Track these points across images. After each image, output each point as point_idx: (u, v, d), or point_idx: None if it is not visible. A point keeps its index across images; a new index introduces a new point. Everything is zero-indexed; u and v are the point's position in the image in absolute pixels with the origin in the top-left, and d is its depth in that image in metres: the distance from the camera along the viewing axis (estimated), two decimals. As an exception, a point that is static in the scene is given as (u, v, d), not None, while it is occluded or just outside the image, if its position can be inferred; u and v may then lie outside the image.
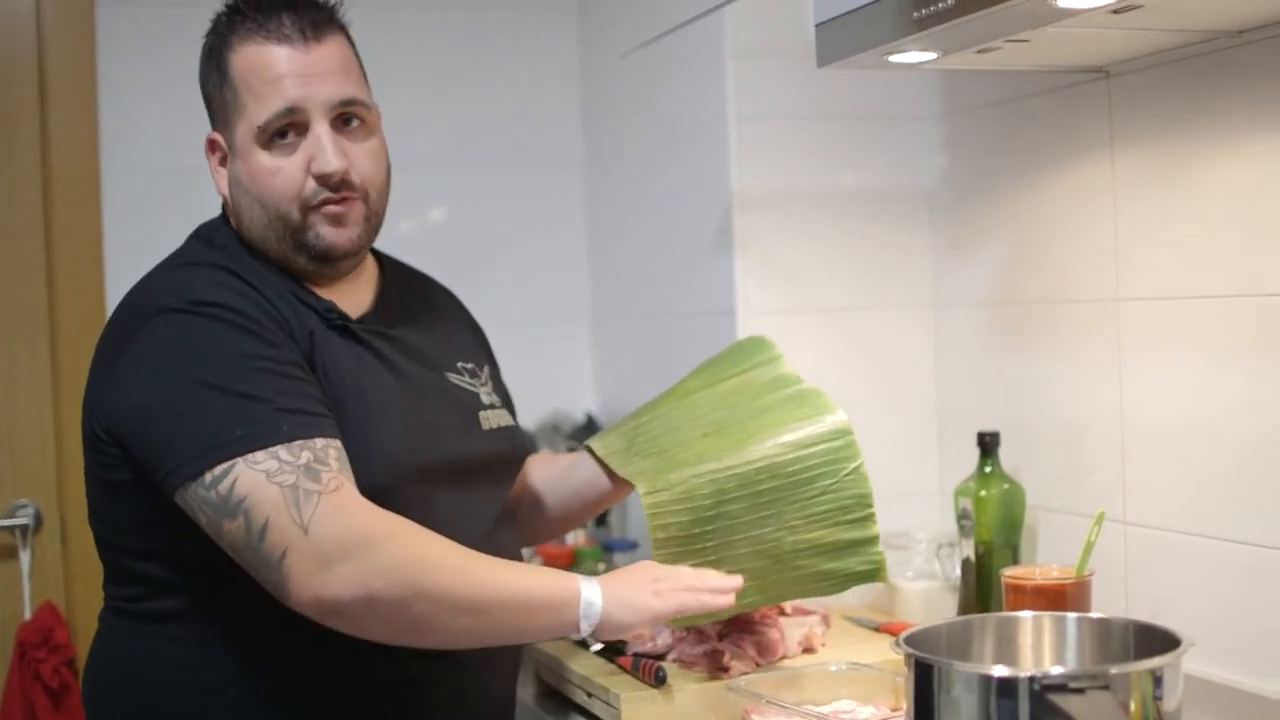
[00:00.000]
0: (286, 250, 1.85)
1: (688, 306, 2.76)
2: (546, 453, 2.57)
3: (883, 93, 2.58)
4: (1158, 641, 1.61)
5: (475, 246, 3.24)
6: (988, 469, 2.29)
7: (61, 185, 2.98)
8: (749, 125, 2.53)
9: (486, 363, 2.09)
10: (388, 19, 3.06)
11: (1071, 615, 1.78)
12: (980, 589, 2.27)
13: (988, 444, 2.30)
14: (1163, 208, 2.05)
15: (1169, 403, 2.05)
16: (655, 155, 2.92)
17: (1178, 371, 2.04)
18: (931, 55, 1.96)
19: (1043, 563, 2.20)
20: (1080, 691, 1.49)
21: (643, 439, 2.04)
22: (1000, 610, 2.09)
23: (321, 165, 1.82)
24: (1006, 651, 1.76)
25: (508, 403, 2.08)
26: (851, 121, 2.58)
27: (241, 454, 1.64)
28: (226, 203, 1.90)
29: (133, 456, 1.73)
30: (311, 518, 1.63)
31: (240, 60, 1.82)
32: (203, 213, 1.97)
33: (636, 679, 1.98)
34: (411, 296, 2.03)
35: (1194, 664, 1.92)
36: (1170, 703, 1.53)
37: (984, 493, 2.27)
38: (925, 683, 1.57)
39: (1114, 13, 1.71)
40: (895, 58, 1.95)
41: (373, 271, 1.99)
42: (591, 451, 2.11)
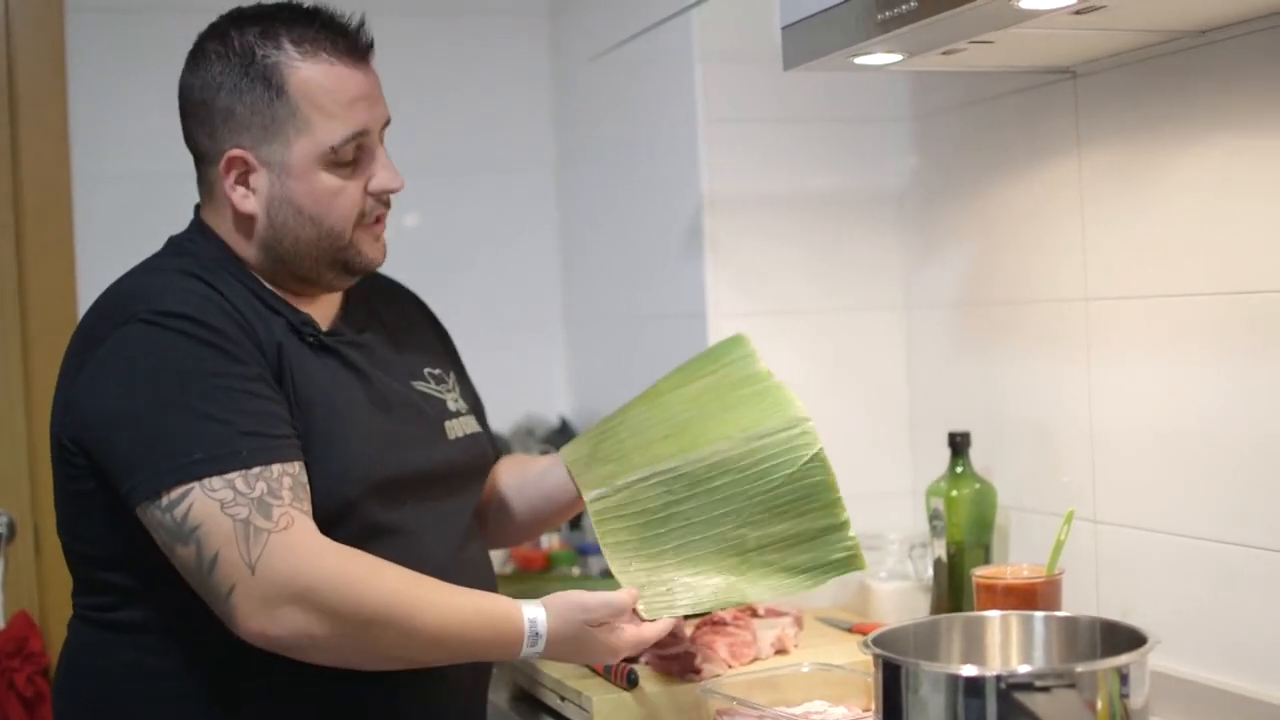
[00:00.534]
0: (320, 266, 1.85)
1: (659, 309, 2.76)
2: (519, 455, 2.57)
3: (852, 95, 2.58)
4: (1124, 639, 1.62)
5: (448, 251, 3.24)
6: (959, 469, 2.30)
7: (32, 193, 2.97)
8: (718, 128, 2.53)
9: (453, 368, 2.09)
10: (357, 24, 3.06)
11: (1039, 614, 1.79)
12: (952, 589, 2.28)
13: (958, 444, 2.30)
14: (1130, 207, 2.06)
15: (1138, 401, 2.06)
16: (626, 159, 2.93)
17: (1146, 370, 2.04)
18: (897, 57, 1.96)
19: (1014, 562, 2.20)
20: (1047, 690, 1.50)
21: (608, 444, 2.03)
22: (972, 610, 2.09)
23: (387, 183, 1.85)
24: (974, 651, 1.77)
25: (476, 407, 2.09)
26: (821, 124, 2.59)
27: (199, 478, 1.65)
28: (253, 220, 1.83)
29: (96, 467, 1.73)
30: (259, 558, 1.64)
31: (306, 77, 1.78)
32: (174, 218, 1.96)
33: (608, 681, 1.98)
34: (378, 301, 2.02)
35: (1164, 661, 1.94)
36: (1137, 700, 1.54)
37: (955, 493, 2.28)
38: (893, 683, 1.58)
39: (1076, 13, 1.71)
40: (861, 60, 1.96)
41: (340, 277, 1.99)
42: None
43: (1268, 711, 1.82)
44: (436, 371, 2.02)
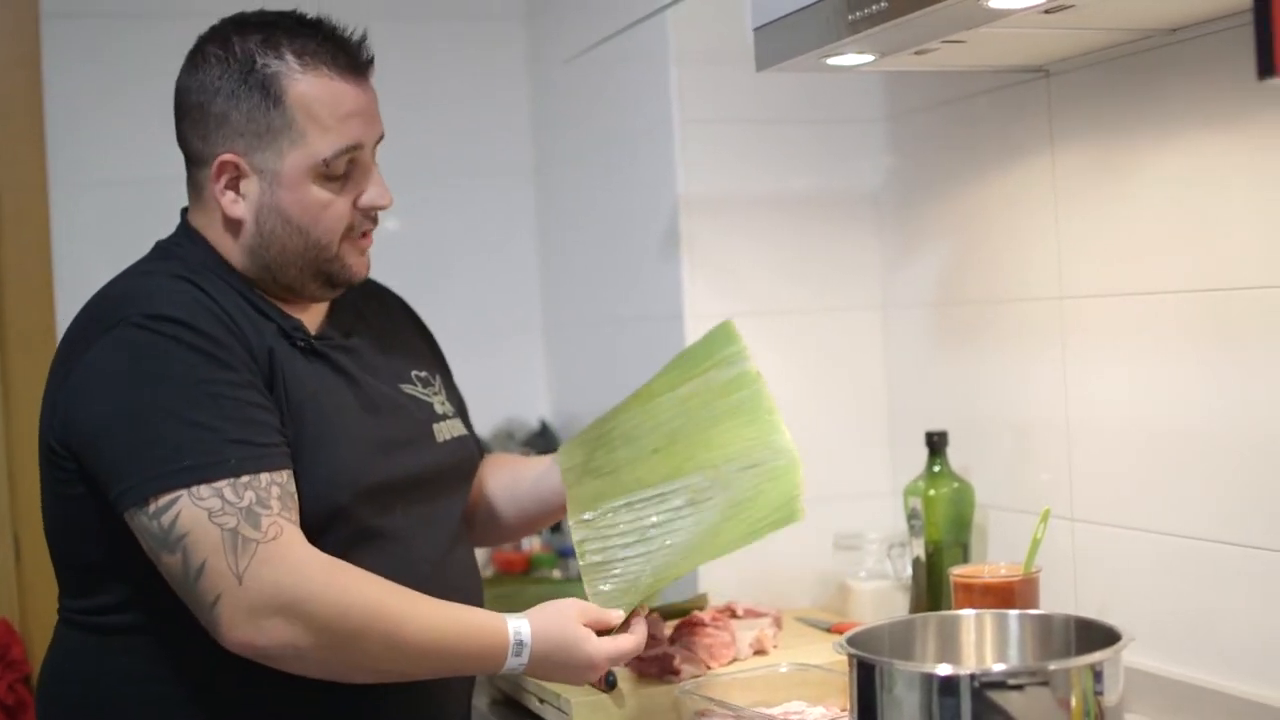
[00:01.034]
0: (305, 276, 1.85)
1: (636, 311, 2.76)
2: (504, 454, 2.56)
3: (826, 96, 2.59)
4: (1099, 637, 1.62)
5: (427, 255, 3.24)
6: (936, 468, 2.30)
7: (9, 200, 2.97)
8: (694, 129, 2.53)
9: (439, 370, 2.09)
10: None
11: (1013, 613, 1.79)
12: (931, 588, 2.28)
13: (936, 443, 2.31)
14: (1103, 204, 2.07)
15: (1113, 399, 2.07)
16: (602, 161, 2.93)
17: (1121, 368, 2.05)
18: (869, 57, 1.96)
19: (993, 561, 2.21)
20: (1020, 688, 1.50)
21: (602, 453, 2.04)
22: (951, 609, 2.09)
23: (376, 199, 1.85)
24: (949, 650, 1.77)
25: (461, 410, 2.09)
26: (796, 125, 2.59)
27: (187, 486, 1.64)
28: (240, 225, 1.83)
29: (85, 471, 1.73)
30: (247, 569, 1.64)
31: (305, 89, 1.78)
32: (153, 224, 1.95)
33: (588, 684, 1.98)
34: (364, 303, 2.02)
35: (1141, 658, 1.94)
36: (1111, 697, 1.54)
37: (933, 492, 2.28)
38: (867, 683, 1.58)
39: (1046, 13, 1.71)
40: (833, 60, 1.96)
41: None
42: None
43: (1245, 707, 1.83)
44: (423, 374, 2.02)
